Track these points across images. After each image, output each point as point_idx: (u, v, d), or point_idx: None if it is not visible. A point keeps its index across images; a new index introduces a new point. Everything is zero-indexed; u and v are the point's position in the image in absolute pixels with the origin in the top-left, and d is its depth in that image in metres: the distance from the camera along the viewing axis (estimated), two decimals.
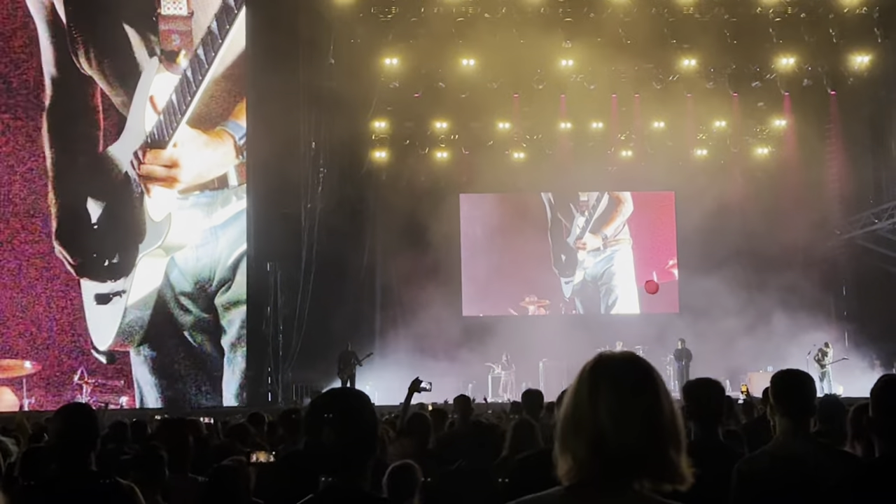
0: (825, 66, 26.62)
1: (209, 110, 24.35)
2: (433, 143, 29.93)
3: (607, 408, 2.54)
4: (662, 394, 2.59)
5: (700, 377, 5.57)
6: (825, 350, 26.56)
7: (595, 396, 2.58)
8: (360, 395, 3.53)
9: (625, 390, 2.58)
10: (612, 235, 32.27)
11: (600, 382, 2.62)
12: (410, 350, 26.90)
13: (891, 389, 4.17)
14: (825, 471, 4.30)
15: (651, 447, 2.52)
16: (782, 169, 28.44)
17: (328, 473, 3.35)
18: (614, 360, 2.70)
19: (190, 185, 24.35)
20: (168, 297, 24.27)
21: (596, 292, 32.22)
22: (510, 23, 24.18)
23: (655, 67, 26.44)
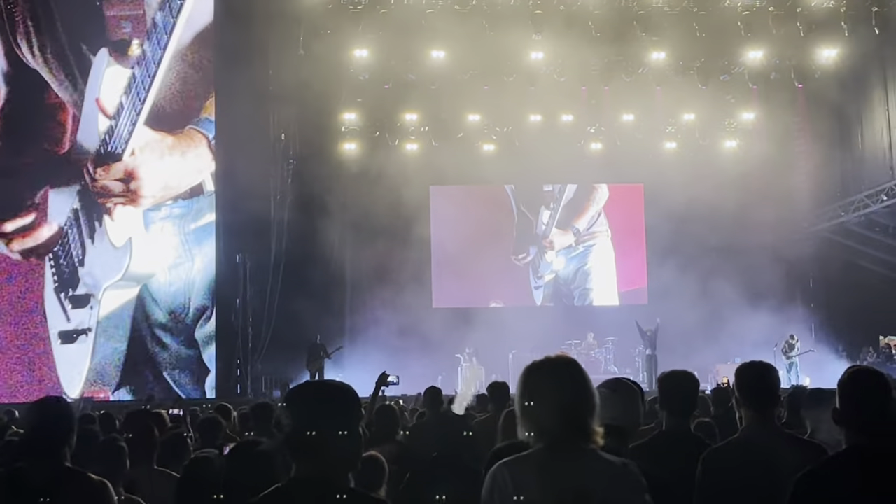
0: (793, 60, 26.79)
1: (175, 108, 22.76)
2: (403, 135, 29.91)
3: (564, 393, 3.57)
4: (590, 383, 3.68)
5: (674, 369, 5.59)
6: (791, 342, 26.80)
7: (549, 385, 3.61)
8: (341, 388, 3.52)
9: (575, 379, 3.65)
10: (586, 228, 32.31)
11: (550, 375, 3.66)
12: (380, 342, 26.86)
13: (856, 381, 4.19)
14: (790, 462, 4.33)
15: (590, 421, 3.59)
16: (751, 162, 28.58)
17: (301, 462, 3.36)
18: (558, 360, 3.76)
19: (158, 198, 22.59)
20: (144, 331, 22.65)
21: (569, 292, 32.30)
22: (480, 15, 24.16)
23: (625, 60, 26.50)
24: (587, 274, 32.28)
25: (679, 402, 5.23)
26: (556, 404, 3.55)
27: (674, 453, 4.90)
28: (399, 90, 27.43)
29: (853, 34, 25.16)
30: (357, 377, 18.66)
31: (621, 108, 29.05)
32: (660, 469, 4.29)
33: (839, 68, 27.07)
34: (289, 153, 27.18)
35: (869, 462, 3.97)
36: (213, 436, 8.02)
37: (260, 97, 24.09)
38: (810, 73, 27.19)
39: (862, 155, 28.41)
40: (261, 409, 8.50)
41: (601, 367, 28.23)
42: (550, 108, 28.83)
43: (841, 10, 24.41)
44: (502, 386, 9.11)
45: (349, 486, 3.38)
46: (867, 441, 4.02)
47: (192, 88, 23.10)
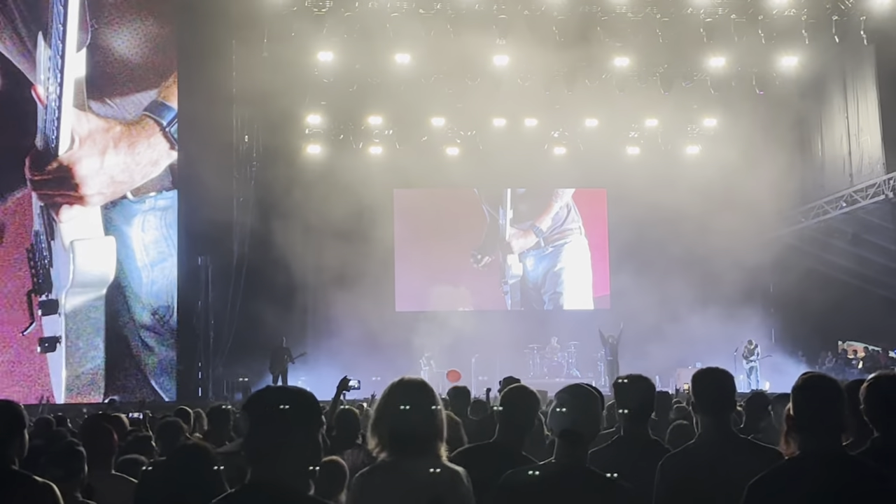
0: (754, 67, 27.00)
1: (124, 91, 21.76)
2: (367, 138, 29.91)
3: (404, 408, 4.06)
4: (437, 401, 4.15)
5: (630, 374, 5.62)
6: (751, 347, 27.02)
7: (396, 402, 4.11)
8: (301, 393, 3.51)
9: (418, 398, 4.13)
10: (550, 228, 32.36)
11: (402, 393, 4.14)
12: (343, 345, 26.80)
13: (809, 387, 4.24)
14: (745, 467, 4.37)
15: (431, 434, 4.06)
16: (712, 168, 28.76)
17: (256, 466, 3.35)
18: (411, 380, 4.23)
19: (109, 194, 21.69)
20: (128, 334, 22.00)
21: (538, 296, 32.35)
22: (444, 18, 24.16)
23: (588, 65, 26.58)
24: (558, 276, 32.30)
25: (635, 406, 5.26)
26: (402, 420, 4.06)
27: (632, 458, 4.93)
28: (363, 93, 27.37)
29: (813, 42, 25.40)
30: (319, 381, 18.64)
31: (585, 112, 29.18)
32: (620, 474, 4.33)
33: (800, 76, 27.33)
34: (252, 155, 27.06)
35: (821, 467, 4.02)
36: (173, 439, 7.98)
37: (223, 99, 23.95)
38: (771, 81, 27.43)
39: (822, 162, 28.70)
40: (217, 412, 8.46)
41: (563, 371, 28.37)
42: (514, 113, 28.91)
43: (801, 19, 24.62)
44: (462, 390, 9.14)
45: (307, 493, 3.37)
46: (820, 446, 4.07)
47: (144, 72, 22.12)
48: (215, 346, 24.88)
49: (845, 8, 24.39)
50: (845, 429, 4.18)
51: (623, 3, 24.11)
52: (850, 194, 26.55)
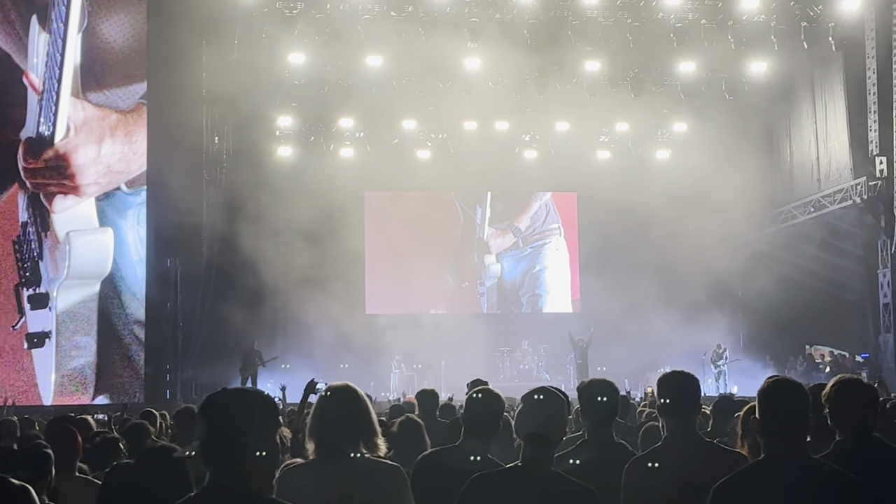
0: (724, 73, 27.14)
1: (117, 80, 21.37)
2: (338, 141, 29.86)
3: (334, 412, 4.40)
4: (365, 402, 4.49)
5: (593, 378, 5.64)
6: (719, 351, 27.17)
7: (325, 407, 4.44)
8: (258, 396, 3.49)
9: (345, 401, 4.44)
10: (530, 227, 32.39)
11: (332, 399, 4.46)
12: (312, 348, 26.77)
13: (774, 391, 4.26)
14: (710, 470, 4.38)
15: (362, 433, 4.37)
16: (682, 172, 28.91)
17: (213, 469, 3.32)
18: (341, 386, 4.52)
19: (104, 184, 21.34)
20: (120, 330, 21.66)
21: (516, 298, 32.38)
22: (416, 21, 24.14)
23: (559, 69, 26.65)
24: (536, 278, 32.32)
25: (599, 409, 5.27)
26: (333, 421, 4.38)
27: (597, 462, 4.94)
28: (334, 95, 27.32)
29: (782, 48, 25.58)
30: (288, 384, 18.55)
31: (556, 116, 29.25)
32: (585, 478, 4.33)
33: (769, 81, 27.50)
34: (222, 157, 26.93)
35: (786, 470, 4.03)
36: (140, 442, 7.93)
37: (192, 100, 23.81)
38: (741, 86, 27.59)
39: (790, 167, 28.89)
40: (184, 414, 8.41)
41: (533, 375, 28.38)
42: (486, 116, 28.93)
43: (771, 25, 24.77)
44: (431, 393, 9.12)
45: (267, 495, 3.35)
46: (785, 449, 4.08)
47: (133, 59, 21.73)
48: (184, 349, 24.74)
49: (814, 15, 24.56)
50: (810, 432, 4.20)
51: (594, 7, 24.18)
52: (818, 199, 26.75)
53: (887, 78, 23.64)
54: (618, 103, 27.75)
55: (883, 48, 23.82)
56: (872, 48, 24.22)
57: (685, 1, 24.28)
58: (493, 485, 4.29)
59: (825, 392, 4.76)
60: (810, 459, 4.16)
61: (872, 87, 24.22)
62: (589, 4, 24.07)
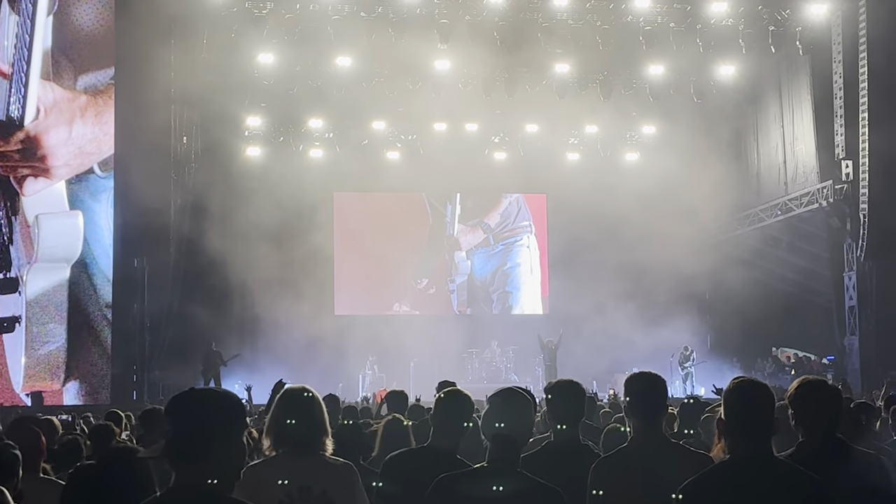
0: (692, 76, 27.27)
1: (87, 64, 21.28)
2: (307, 141, 29.79)
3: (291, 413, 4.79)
4: (320, 405, 4.86)
5: (560, 379, 5.63)
6: (686, 353, 27.30)
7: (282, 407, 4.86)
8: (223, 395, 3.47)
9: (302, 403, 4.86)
10: (500, 224, 32.42)
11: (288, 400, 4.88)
12: (281, 350, 26.68)
13: (740, 392, 4.28)
14: (676, 471, 4.40)
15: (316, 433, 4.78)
16: (651, 174, 29.05)
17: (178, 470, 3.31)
18: (296, 389, 4.96)
19: (75, 166, 21.12)
20: (92, 315, 21.53)
21: (486, 295, 32.39)
22: (386, 22, 24.11)
23: (529, 71, 26.71)
24: (507, 275, 32.35)
25: (566, 410, 5.27)
26: (293, 420, 4.78)
27: (563, 463, 4.94)
28: (304, 95, 27.24)
29: (750, 52, 25.75)
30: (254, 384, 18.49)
31: (525, 118, 29.31)
32: (552, 479, 4.34)
33: (737, 85, 27.67)
34: (190, 157, 26.77)
35: (750, 470, 4.05)
36: (105, 442, 7.87)
37: (161, 99, 23.64)
38: (709, 89, 27.73)
39: (758, 170, 29.09)
40: (149, 415, 8.36)
41: (501, 376, 28.40)
42: (455, 117, 28.94)
43: (739, 29, 24.93)
44: (400, 394, 9.11)
45: (229, 496, 3.33)
46: (749, 449, 4.11)
47: (105, 41, 21.66)
48: (151, 350, 24.57)
49: (781, 19, 24.76)
50: (775, 433, 4.22)
51: (564, 10, 24.25)
52: (784, 202, 26.95)
53: (853, 82, 23.85)
54: (587, 105, 27.85)
55: (849, 53, 24.03)
56: (839, 53, 24.43)
57: (654, 4, 24.39)
58: (460, 485, 4.29)
59: (789, 393, 4.79)
60: (774, 460, 4.19)
61: (839, 91, 24.44)
62: (558, 7, 24.13)
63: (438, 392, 5.63)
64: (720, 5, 24.19)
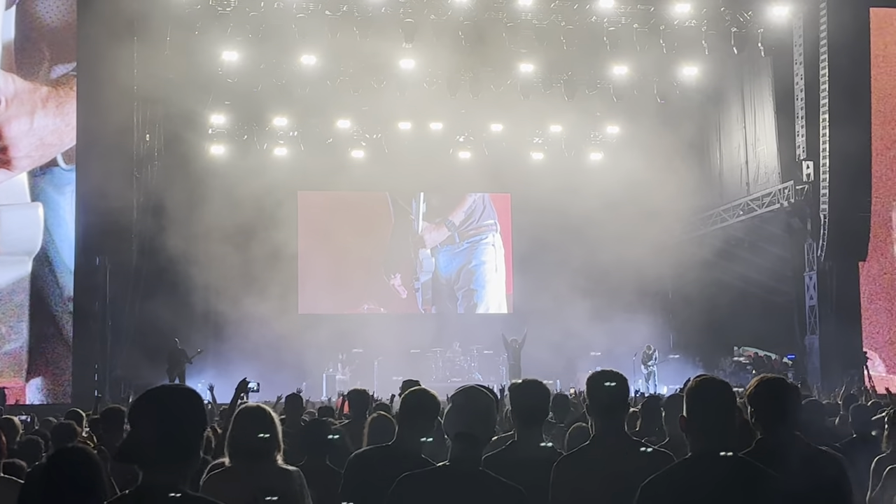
0: (656, 77, 27.42)
1: (49, 58, 21.35)
2: (272, 140, 29.70)
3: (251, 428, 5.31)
4: (274, 421, 5.40)
5: (525, 378, 5.65)
6: (649, 352, 27.45)
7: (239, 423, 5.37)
8: (189, 392, 3.48)
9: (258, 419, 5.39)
10: (464, 222, 32.45)
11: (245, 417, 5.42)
12: (244, 348, 26.56)
13: (701, 390, 4.32)
14: (638, 469, 4.43)
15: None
16: (614, 174, 29.20)
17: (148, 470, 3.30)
18: (252, 407, 5.57)
19: (36, 158, 21.12)
20: (55, 310, 21.53)
21: (451, 293, 32.42)
22: (350, 21, 24.04)
23: (493, 70, 26.76)
24: (472, 273, 32.41)
25: (529, 409, 5.28)
26: (248, 431, 5.28)
27: (526, 462, 4.96)
28: (268, 93, 27.13)
29: (713, 53, 25.90)
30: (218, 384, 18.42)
31: (490, 117, 29.36)
32: (515, 479, 4.35)
33: (699, 86, 27.85)
34: (153, 155, 26.60)
35: (710, 468, 4.10)
36: (67, 442, 7.82)
37: (123, 97, 23.43)
38: (672, 90, 27.89)
39: (720, 170, 29.30)
40: (111, 414, 8.32)
41: (465, 375, 28.44)
42: (420, 116, 28.95)
43: (702, 30, 25.08)
44: (362, 393, 9.12)
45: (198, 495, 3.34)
46: (711, 447, 4.15)
47: (64, 34, 21.70)
48: (113, 349, 24.40)
49: (744, 21, 24.92)
50: (736, 430, 4.27)
51: (528, 10, 24.29)
52: (746, 203, 27.17)
53: (814, 84, 24.09)
54: (551, 105, 27.93)
55: (810, 55, 24.26)
56: (800, 54, 24.66)
57: (618, 5, 24.49)
58: (422, 484, 4.30)
59: (748, 391, 4.84)
60: (734, 457, 4.23)
61: (800, 92, 24.68)
62: (523, 7, 24.17)
63: (403, 391, 5.65)
64: (683, 7, 24.32)
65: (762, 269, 27.43)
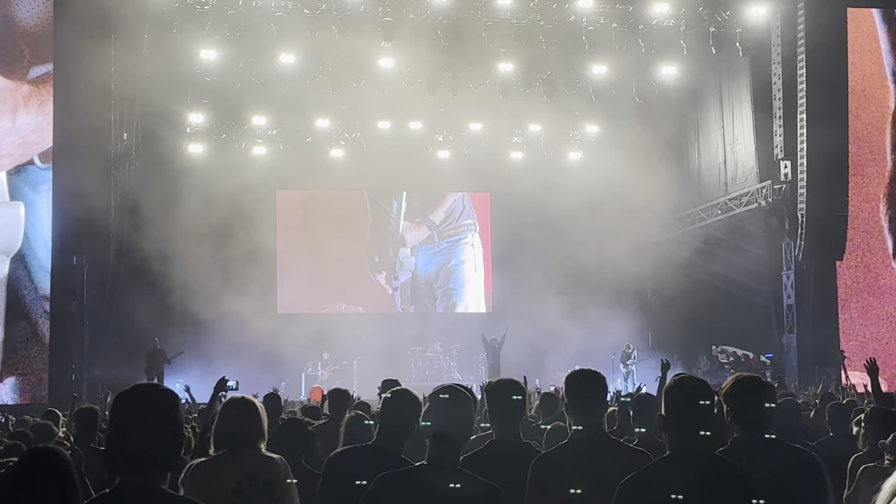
0: (634, 76, 27.48)
1: (33, 54, 21.43)
2: (250, 138, 29.62)
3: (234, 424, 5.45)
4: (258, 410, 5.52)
5: (502, 377, 5.65)
6: (628, 351, 27.53)
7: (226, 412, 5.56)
8: (167, 393, 3.47)
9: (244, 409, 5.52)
10: (444, 222, 32.46)
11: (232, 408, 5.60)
12: (224, 347, 26.47)
13: (679, 389, 4.34)
14: (615, 468, 4.44)
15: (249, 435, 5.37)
16: (593, 174, 29.25)
17: (127, 470, 3.27)
18: (238, 398, 5.62)
19: (18, 156, 21.12)
20: (31, 306, 21.43)
21: (430, 292, 32.42)
22: (329, 20, 23.98)
23: (473, 69, 26.75)
24: (451, 272, 32.42)
25: (506, 409, 5.28)
26: (233, 421, 5.43)
27: (505, 462, 4.95)
28: (247, 92, 27.03)
29: (691, 53, 25.97)
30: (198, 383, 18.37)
31: (469, 117, 29.35)
32: (493, 478, 4.35)
33: (678, 85, 27.91)
34: (131, 153, 26.48)
35: (688, 466, 4.11)
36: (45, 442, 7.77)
37: (101, 95, 23.28)
38: (651, 90, 27.95)
39: (699, 170, 29.41)
40: (85, 413, 8.28)
41: (444, 374, 28.46)
42: (399, 115, 28.93)
43: (680, 30, 25.15)
44: (343, 393, 9.08)
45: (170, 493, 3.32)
46: (687, 445, 4.16)
47: (39, 31, 21.76)
48: (90, 349, 24.27)
49: (722, 21, 25.01)
50: (713, 429, 4.28)
51: (507, 9, 24.29)
52: (725, 202, 27.27)
53: (792, 84, 24.20)
54: (530, 105, 27.94)
55: (788, 54, 24.38)
56: (778, 54, 24.77)
57: (597, 4, 24.53)
58: (400, 483, 4.30)
59: (724, 389, 4.86)
60: (712, 456, 4.25)
61: (778, 92, 24.78)
62: (502, 6, 24.17)
63: (382, 391, 5.66)
64: (662, 6, 24.38)
65: (740, 268, 27.54)
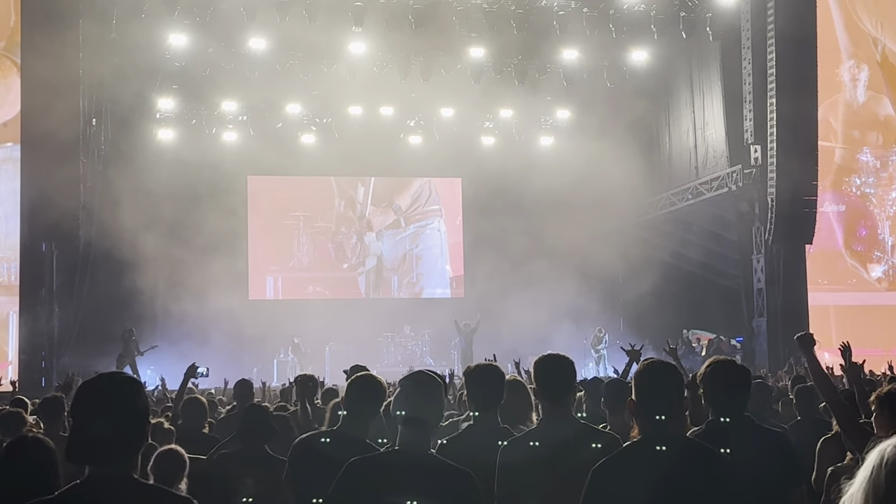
0: (605, 61, 27.49)
1: None
2: (220, 124, 29.46)
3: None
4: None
5: (479, 363, 5.65)
6: (599, 335, 27.63)
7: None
8: (131, 381, 3.44)
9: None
10: (411, 206, 32.43)
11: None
12: (194, 334, 26.35)
13: (649, 373, 4.34)
14: (585, 452, 4.44)
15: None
16: (565, 159, 29.30)
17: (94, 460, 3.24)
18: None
19: None
20: None
21: (397, 277, 32.41)
22: (300, 5, 23.86)
23: (444, 55, 26.69)
24: (418, 258, 32.43)
25: (485, 394, 5.26)
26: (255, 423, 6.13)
27: (483, 447, 4.95)
28: (217, 78, 26.87)
29: (662, 38, 26.00)
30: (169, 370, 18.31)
31: (440, 102, 29.30)
32: (469, 462, 4.34)
33: (649, 70, 27.96)
34: (100, 139, 26.28)
35: (659, 451, 4.11)
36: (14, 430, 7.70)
37: (69, 80, 23.07)
38: (621, 74, 27.99)
39: (669, 154, 29.49)
40: (51, 402, 8.22)
41: (416, 359, 28.47)
42: (370, 101, 28.85)
43: (651, 14, 25.16)
44: (310, 378, 9.03)
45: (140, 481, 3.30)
46: (658, 429, 4.16)
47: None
48: (60, 336, 24.11)
49: (692, 5, 25.05)
50: (684, 413, 4.29)
51: None
52: (695, 186, 27.35)
53: (762, 68, 24.28)
54: (502, 90, 27.94)
55: (758, 39, 24.45)
56: (748, 39, 24.85)
57: None
58: (370, 469, 4.28)
59: (700, 373, 4.87)
60: (684, 438, 4.26)
61: (748, 76, 24.88)
62: None
63: (349, 376, 5.63)
64: None
65: (711, 252, 27.67)
